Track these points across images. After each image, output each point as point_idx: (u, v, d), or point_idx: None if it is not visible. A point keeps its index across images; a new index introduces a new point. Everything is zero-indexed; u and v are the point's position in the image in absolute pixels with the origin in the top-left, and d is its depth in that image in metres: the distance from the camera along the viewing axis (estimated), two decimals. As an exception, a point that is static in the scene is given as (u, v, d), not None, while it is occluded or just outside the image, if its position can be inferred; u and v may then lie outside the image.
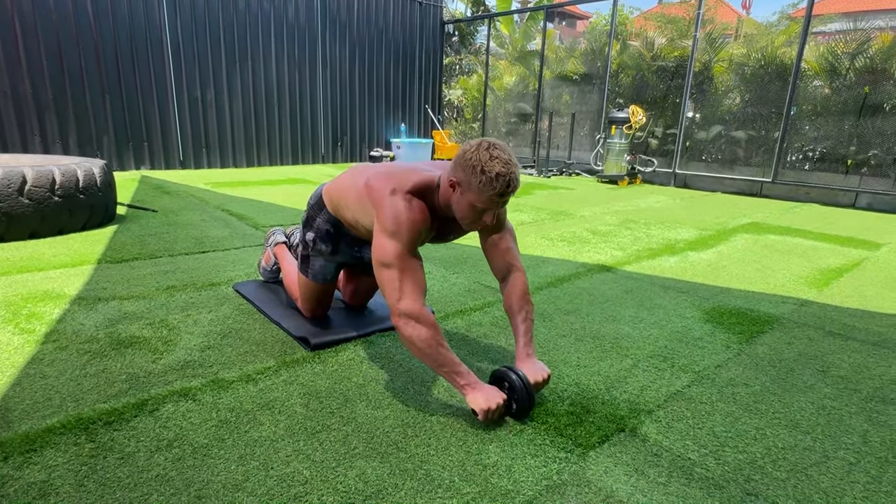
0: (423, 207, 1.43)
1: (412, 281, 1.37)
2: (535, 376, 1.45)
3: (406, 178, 1.44)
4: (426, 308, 1.38)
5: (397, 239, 1.37)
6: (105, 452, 1.22)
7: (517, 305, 1.56)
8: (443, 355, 1.36)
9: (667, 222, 4.39)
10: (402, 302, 1.35)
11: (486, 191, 1.32)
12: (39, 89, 5.86)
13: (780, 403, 1.58)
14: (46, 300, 2.14)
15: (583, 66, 7.96)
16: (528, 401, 1.37)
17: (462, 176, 1.35)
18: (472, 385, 1.36)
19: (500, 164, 1.31)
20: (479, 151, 1.32)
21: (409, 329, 1.35)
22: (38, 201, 3.04)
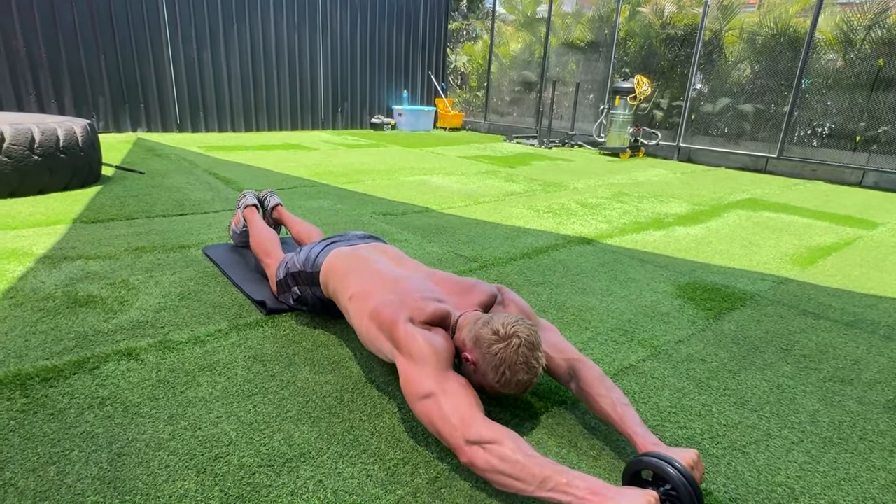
0: (446, 335, 1.24)
1: (461, 401, 1.08)
2: (687, 460, 1.00)
3: (420, 306, 1.26)
4: (492, 422, 1.04)
5: (428, 364, 1.14)
6: (36, 408, 1.22)
7: (604, 399, 1.19)
8: (538, 468, 0.95)
9: (661, 196, 4.30)
10: (460, 430, 1.03)
11: (502, 390, 1.18)
12: (33, 47, 5.79)
13: (734, 381, 1.55)
14: (12, 258, 2.14)
15: (590, 33, 7.71)
16: (694, 497, 0.93)
17: (481, 362, 1.17)
18: (600, 492, 0.91)
19: (524, 370, 1.14)
20: (507, 350, 1.13)
21: (483, 457, 0.99)
22: (16, 160, 3.02)
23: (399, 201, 3.61)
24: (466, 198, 3.84)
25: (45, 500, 0.97)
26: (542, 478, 0.94)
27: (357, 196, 3.69)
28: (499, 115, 9.41)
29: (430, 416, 1.08)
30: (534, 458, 0.97)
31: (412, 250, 2.56)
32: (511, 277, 2.28)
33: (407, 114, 8.89)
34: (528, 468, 0.95)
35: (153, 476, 1.04)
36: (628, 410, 1.16)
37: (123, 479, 1.03)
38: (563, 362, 1.30)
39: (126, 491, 1.00)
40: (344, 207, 3.33)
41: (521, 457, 0.97)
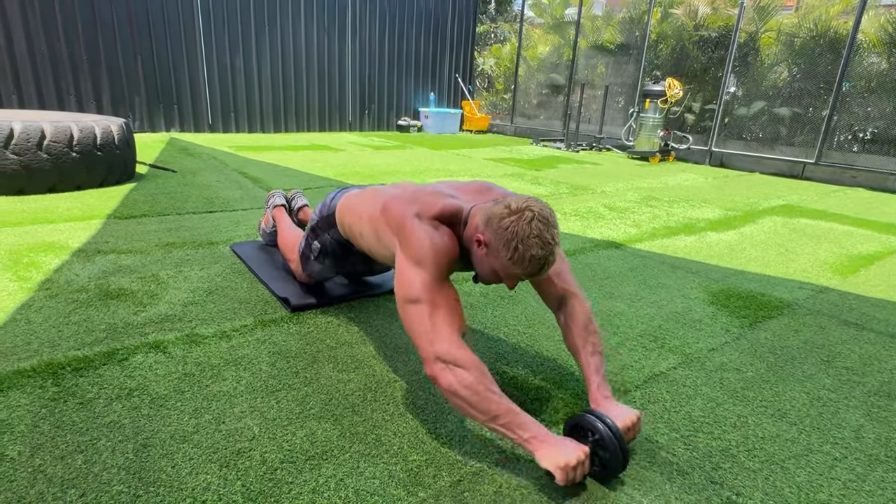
0: (452, 235, 1.22)
1: (446, 317, 1.11)
2: (624, 421, 1.12)
3: (432, 202, 1.25)
4: (467, 348, 1.09)
5: (424, 268, 1.15)
6: (67, 397, 1.24)
7: (580, 339, 1.27)
8: (494, 403, 1.03)
9: (692, 201, 4.19)
10: (435, 345, 1.08)
11: (514, 268, 1.12)
12: (74, 49, 5.99)
13: (772, 392, 1.48)
14: (49, 251, 2.20)
15: (620, 36, 7.60)
16: (621, 454, 1.05)
17: (493, 240, 1.13)
18: (541, 438, 1.03)
19: (538, 244, 1.08)
20: (519, 223, 1.09)
21: (447, 377, 1.06)
22: (56, 156, 3.12)
23: (424, 202, 3.60)
24: (492, 200, 3.80)
25: (73, 487, 0.98)
26: (494, 413, 1.03)
27: (383, 196, 3.70)
28: (525, 118, 9.35)
29: (412, 322, 1.13)
30: (492, 394, 1.05)
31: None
32: (537, 280, 2.24)
33: (433, 116, 8.91)
34: (485, 402, 1.04)
35: (177, 468, 1.04)
36: (595, 360, 1.25)
37: (148, 470, 1.03)
38: (559, 290, 1.32)
39: (150, 482, 1.00)
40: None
41: (481, 388, 1.04)
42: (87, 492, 0.97)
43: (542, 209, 1.12)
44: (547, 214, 1.12)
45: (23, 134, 2.98)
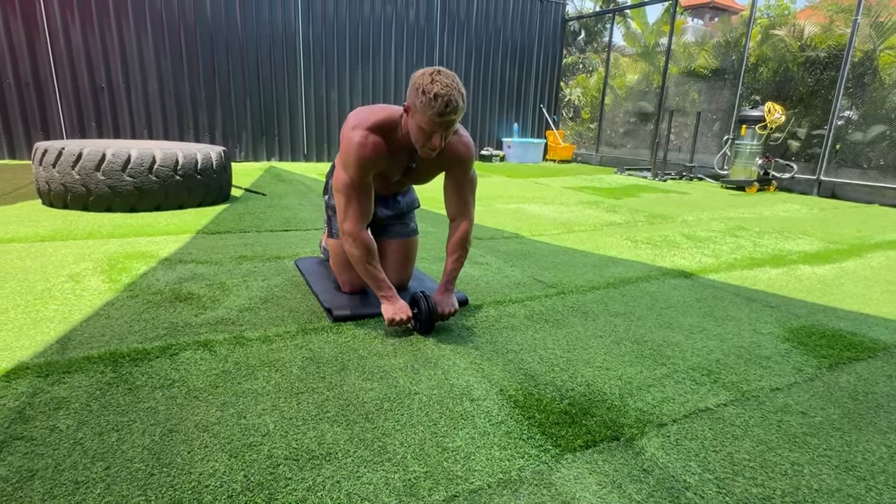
0: (377, 142, 1.61)
1: (356, 207, 1.66)
2: (442, 307, 1.77)
3: (371, 115, 1.63)
4: (365, 231, 1.70)
5: (348, 171, 1.63)
6: (119, 382, 1.38)
7: (451, 248, 1.84)
8: (369, 271, 1.72)
9: (787, 232, 3.81)
10: (345, 223, 1.67)
11: (427, 110, 1.45)
12: (195, 89, 6.82)
13: (842, 441, 1.28)
14: (141, 259, 2.48)
15: (715, 60, 7.22)
16: (428, 322, 1.72)
17: (411, 99, 1.49)
18: (389, 298, 1.72)
19: (439, 86, 1.43)
20: (423, 76, 1.46)
21: (347, 245, 1.69)
22: (163, 179, 3.53)
23: (489, 227, 3.61)
24: (560, 226, 3.72)
25: (101, 460, 1.08)
26: (369, 274, 1.74)
27: (449, 220, 3.76)
28: (611, 147, 9.10)
29: (336, 205, 1.71)
30: (370, 265, 1.73)
31: (492, 273, 2.53)
32: (589, 305, 2.14)
33: (515, 146, 8.95)
34: (364, 268, 1.73)
35: (192, 454, 1.11)
36: (454, 265, 1.85)
37: (167, 452, 1.11)
38: (456, 208, 1.84)
39: (166, 463, 1.08)
40: (432, 230, 3.40)
41: (364, 259, 1.71)
42: (111, 465, 1.07)
43: (444, 69, 1.49)
44: (448, 72, 1.49)
45: (138, 159, 3.42)
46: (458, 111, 1.48)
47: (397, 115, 1.64)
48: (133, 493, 1.00)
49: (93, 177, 3.36)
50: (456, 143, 1.75)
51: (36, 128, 6.21)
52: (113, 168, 3.37)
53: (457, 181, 1.81)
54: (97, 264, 2.36)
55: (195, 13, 6.59)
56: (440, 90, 1.44)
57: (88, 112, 6.38)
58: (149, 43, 6.46)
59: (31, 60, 6.03)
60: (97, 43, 6.24)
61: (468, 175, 1.82)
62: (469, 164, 1.80)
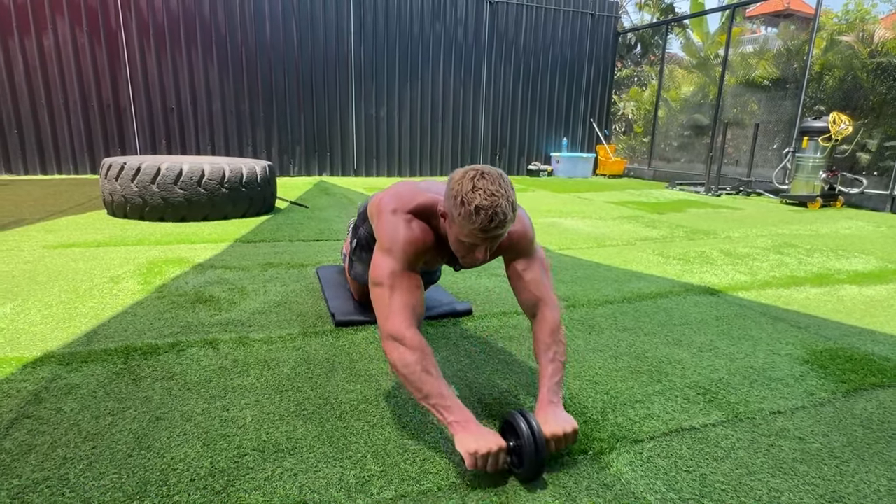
0: (424, 228, 1.32)
1: (402, 300, 1.22)
2: (554, 428, 1.13)
3: (411, 198, 1.34)
4: (416, 329, 1.20)
5: (391, 256, 1.26)
6: (126, 373, 1.51)
7: (544, 345, 1.31)
8: (428, 383, 1.13)
9: (842, 250, 3.53)
10: (388, 323, 1.20)
11: (468, 224, 1.16)
12: (255, 108, 7.27)
13: (836, 470, 1.19)
14: (177, 264, 2.67)
15: (775, 70, 6.85)
16: (535, 456, 1.05)
17: (448, 206, 1.21)
18: (463, 424, 1.11)
19: (482, 195, 1.13)
20: (462, 180, 1.17)
21: (393, 353, 1.17)
22: (210, 191, 3.79)
23: (517, 240, 3.59)
24: (592, 240, 3.65)
25: (91, 440, 1.19)
26: (426, 392, 1.13)
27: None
28: (665, 162, 8.80)
29: (375, 302, 1.25)
30: (429, 375, 1.15)
31: (506, 285, 2.52)
32: (597, 320, 2.09)
33: (564, 160, 8.85)
34: (420, 381, 1.14)
35: (171, 440, 1.20)
36: (554, 366, 1.28)
37: (149, 437, 1.21)
38: (532, 297, 1.37)
39: (145, 447, 1.17)
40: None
41: (418, 368, 1.14)
42: (98, 445, 1.17)
43: (488, 168, 1.19)
44: (493, 173, 1.18)
45: (188, 173, 3.70)
46: (507, 223, 1.18)
47: (437, 205, 1.32)
48: (109, 470, 1.09)
49: (149, 189, 3.66)
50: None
51: (115, 146, 6.83)
52: (166, 181, 3.66)
53: (521, 268, 1.39)
54: (137, 268, 2.57)
55: (256, 38, 7.06)
56: (483, 202, 1.14)
57: (160, 131, 6.95)
58: (214, 67, 6.97)
59: (112, 86, 6.66)
60: (169, 69, 6.81)
61: (532, 257, 1.41)
62: (529, 245, 1.41)
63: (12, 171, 6.52)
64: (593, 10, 8.88)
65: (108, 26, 6.51)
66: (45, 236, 3.20)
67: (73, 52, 6.43)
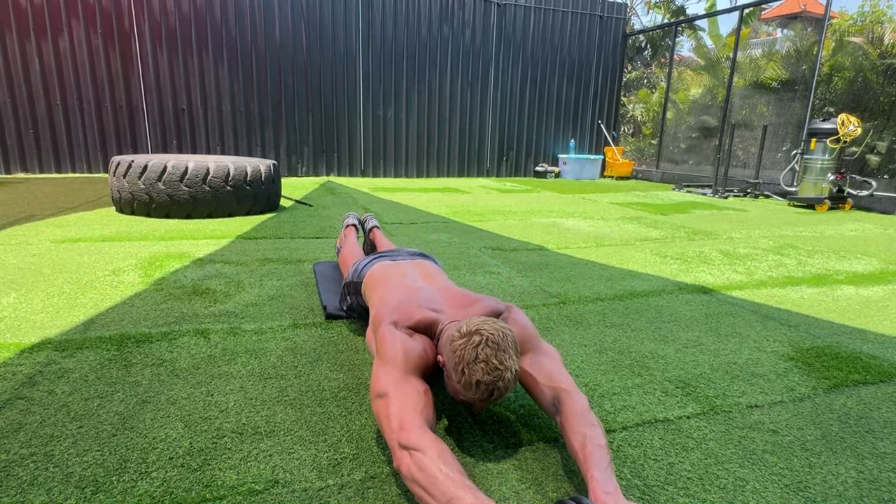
0: (426, 342, 1.25)
1: (409, 405, 1.06)
2: None
3: (410, 313, 1.29)
4: (429, 431, 1.02)
5: (392, 366, 1.15)
6: (118, 359, 1.56)
7: (578, 434, 1.06)
8: (450, 485, 0.90)
9: (844, 251, 3.50)
10: (396, 433, 1.02)
11: (465, 393, 1.12)
12: (264, 108, 7.37)
13: (805, 462, 1.20)
14: (177, 258, 2.74)
15: (784, 71, 6.80)
16: None
17: (447, 363, 1.16)
18: None
19: (484, 369, 1.07)
20: (466, 347, 1.10)
21: (406, 462, 0.97)
22: (215, 189, 3.87)
23: (517, 239, 3.62)
24: (590, 240, 3.66)
25: (78, 420, 1.23)
26: (449, 496, 0.89)
27: (478, 232, 3.81)
28: (673, 164, 8.75)
29: (379, 415, 1.09)
30: (449, 476, 0.92)
31: (500, 282, 2.55)
32: (586, 316, 2.11)
33: (571, 162, 8.85)
34: (440, 484, 0.91)
35: (154, 421, 1.24)
36: (597, 451, 1.01)
37: (134, 419, 1.25)
38: (549, 390, 1.19)
39: (129, 427, 1.22)
40: (458, 241, 3.47)
41: (436, 470, 0.93)
42: (84, 425, 1.22)
43: (494, 332, 1.10)
44: (498, 339, 1.09)
45: (194, 171, 3.78)
46: (508, 392, 1.11)
47: (434, 325, 1.29)
48: (92, 448, 1.14)
49: (155, 186, 3.75)
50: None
51: (127, 145, 6.96)
52: (172, 179, 3.74)
53: (530, 363, 1.25)
54: (139, 262, 2.64)
55: (265, 40, 7.16)
56: (485, 377, 1.07)
57: (171, 131, 7.08)
58: (224, 68, 7.09)
59: (125, 87, 6.80)
60: (180, 70, 6.94)
61: (539, 352, 1.28)
62: (534, 343, 1.29)
63: (28, 169, 6.68)
64: (601, 11, 8.87)
65: (121, 29, 6.65)
66: (53, 231, 3.29)
67: (87, 53, 6.58)
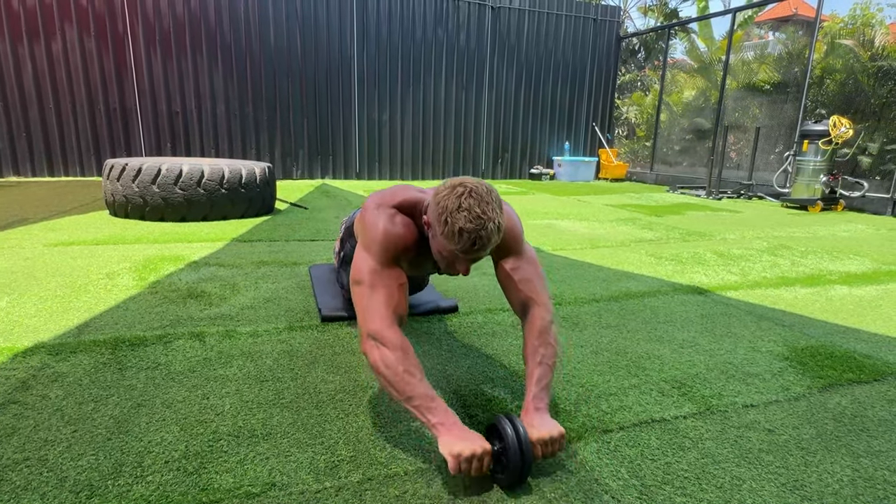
0: (408, 223, 1.27)
1: (382, 299, 1.17)
2: (540, 433, 1.08)
3: (395, 194, 1.30)
4: (397, 329, 1.15)
5: (372, 254, 1.22)
6: (113, 363, 1.55)
7: (530, 348, 1.25)
8: (410, 384, 1.08)
9: (837, 252, 3.53)
10: (368, 323, 1.15)
11: (450, 244, 1.13)
12: (258, 111, 7.36)
13: (801, 461, 1.20)
14: (172, 261, 2.72)
15: (776, 74, 6.85)
16: (519, 461, 1.02)
17: (432, 218, 1.17)
18: (448, 426, 1.05)
19: (467, 217, 1.09)
20: (449, 197, 1.12)
21: (374, 354, 1.11)
22: (210, 192, 3.85)
23: (512, 241, 3.62)
24: (586, 241, 3.67)
25: (72, 425, 1.22)
26: (409, 394, 1.08)
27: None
28: (667, 166, 8.79)
29: (356, 301, 1.22)
30: (412, 376, 1.09)
31: (495, 283, 2.55)
32: (582, 317, 2.11)
33: (566, 164, 8.87)
34: (402, 382, 1.08)
35: (149, 425, 1.24)
36: (542, 369, 1.22)
37: (129, 422, 1.24)
38: (523, 296, 1.32)
39: (124, 431, 1.21)
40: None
41: (401, 369, 1.09)
42: (79, 430, 1.21)
43: (478, 185, 1.13)
44: (482, 191, 1.12)
45: (188, 174, 3.76)
46: (491, 246, 1.14)
47: (422, 203, 1.28)
48: (87, 451, 1.13)
49: (149, 189, 3.73)
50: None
51: (121, 149, 6.93)
52: (167, 181, 3.72)
53: (510, 267, 1.34)
54: (134, 265, 2.62)
55: (260, 43, 7.15)
56: (467, 224, 1.09)
57: (165, 134, 7.05)
58: (219, 71, 7.07)
59: (119, 90, 6.77)
60: (174, 73, 6.92)
61: (522, 256, 1.36)
62: (518, 243, 1.35)
63: (20, 173, 6.63)
64: (595, 14, 8.92)
65: (115, 32, 6.62)
66: (46, 235, 3.27)
67: (80, 56, 6.55)
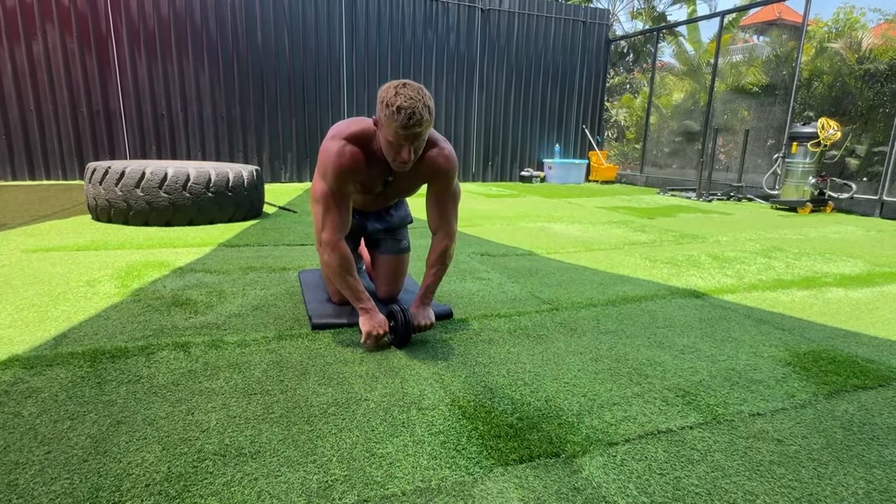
0: (355, 152, 1.63)
1: (334, 217, 1.66)
2: (419, 319, 1.76)
3: (347, 126, 1.66)
4: (343, 242, 1.69)
5: (325, 180, 1.65)
6: (91, 377, 1.47)
7: (430, 262, 1.84)
8: (348, 282, 1.71)
9: (830, 254, 3.53)
10: (322, 232, 1.68)
11: (391, 123, 1.47)
12: (246, 114, 7.25)
13: (814, 472, 1.16)
14: (156, 268, 2.63)
15: (764, 76, 6.90)
16: (404, 334, 1.70)
17: (378, 113, 1.53)
18: (368, 311, 1.70)
19: (403, 98, 1.45)
20: (388, 88, 1.49)
21: (325, 255, 1.69)
22: (196, 195, 3.76)
23: (505, 244, 3.57)
24: (580, 244, 3.63)
25: (47, 445, 1.15)
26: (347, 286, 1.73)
27: (465, 237, 3.76)
28: (657, 168, 8.82)
29: (314, 215, 1.73)
30: (349, 274, 1.72)
31: (491, 288, 2.50)
32: (580, 322, 2.07)
33: (556, 167, 8.86)
34: (342, 278, 1.72)
35: (129, 444, 1.16)
36: (433, 279, 1.84)
37: (107, 442, 1.17)
38: (437, 220, 1.83)
39: (103, 451, 1.13)
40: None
41: (343, 270, 1.71)
42: (53, 450, 1.13)
43: (411, 82, 1.51)
44: (415, 84, 1.50)
45: (173, 177, 3.67)
46: (423, 123, 1.50)
47: (373, 128, 1.65)
48: (61, 475, 1.05)
49: (133, 193, 3.63)
50: (436, 155, 1.76)
51: (104, 151, 6.79)
52: (151, 185, 3.62)
53: (437, 195, 1.81)
54: (116, 271, 2.53)
55: (248, 45, 7.05)
56: (403, 102, 1.46)
57: (150, 137, 6.92)
58: (205, 73, 6.95)
59: (102, 92, 6.63)
60: (159, 75, 6.79)
61: (449, 189, 1.81)
62: (450, 178, 1.78)
63: (0, 176, 6.46)
64: (584, 17, 8.93)
65: (98, 32, 6.49)
66: (25, 240, 3.16)
67: (62, 57, 6.41)
